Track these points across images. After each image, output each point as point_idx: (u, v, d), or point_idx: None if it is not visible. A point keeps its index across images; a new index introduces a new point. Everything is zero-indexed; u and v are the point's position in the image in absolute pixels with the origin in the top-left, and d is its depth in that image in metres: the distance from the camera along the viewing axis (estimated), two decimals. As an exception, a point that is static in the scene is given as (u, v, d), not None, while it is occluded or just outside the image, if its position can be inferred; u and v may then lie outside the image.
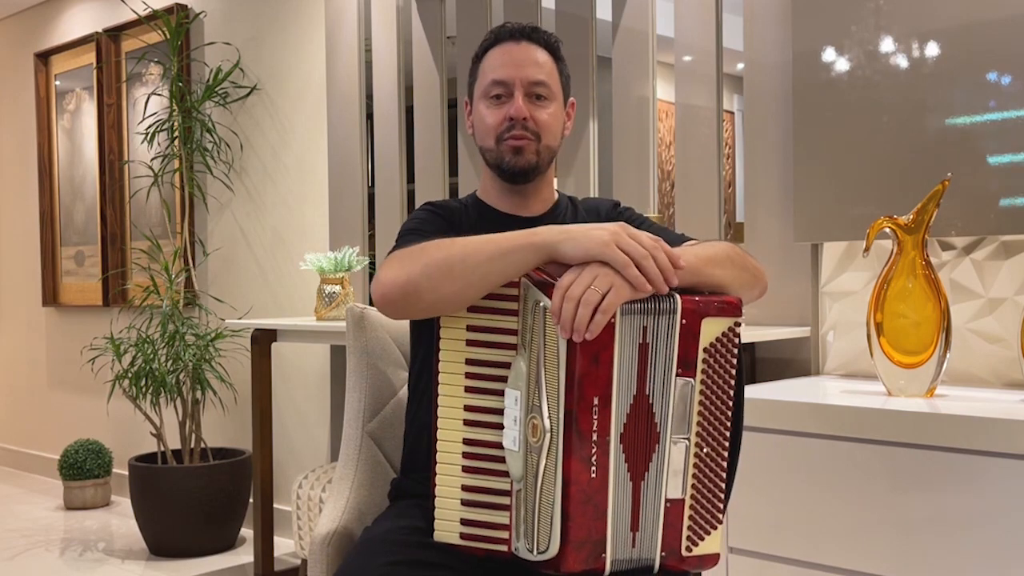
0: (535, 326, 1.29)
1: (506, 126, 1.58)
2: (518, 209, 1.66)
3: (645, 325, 1.27)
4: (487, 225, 1.61)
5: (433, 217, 1.62)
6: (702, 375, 1.31)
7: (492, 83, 1.60)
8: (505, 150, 1.59)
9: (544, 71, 1.61)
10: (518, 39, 1.62)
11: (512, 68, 1.59)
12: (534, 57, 1.61)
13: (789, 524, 1.87)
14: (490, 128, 1.60)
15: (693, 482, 1.32)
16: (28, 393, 5.43)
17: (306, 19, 3.78)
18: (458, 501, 1.34)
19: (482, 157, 1.65)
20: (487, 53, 1.64)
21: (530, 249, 1.30)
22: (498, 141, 1.60)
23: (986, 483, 1.63)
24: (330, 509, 1.70)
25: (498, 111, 1.60)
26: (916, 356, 1.88)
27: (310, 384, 3.78)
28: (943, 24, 2.18)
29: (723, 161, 2.69)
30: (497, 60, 1.61)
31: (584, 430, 1.25)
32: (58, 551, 3.81)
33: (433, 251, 1.34)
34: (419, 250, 1.36)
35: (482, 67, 1.64)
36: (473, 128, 1.67)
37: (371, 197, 3.58)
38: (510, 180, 1.62)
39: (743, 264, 1.44)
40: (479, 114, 1.63)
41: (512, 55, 1.60)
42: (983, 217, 2.12)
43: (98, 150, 4.75)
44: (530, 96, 1.59)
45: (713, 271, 1.37)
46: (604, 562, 1.28)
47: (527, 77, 1.59)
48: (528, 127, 1.58)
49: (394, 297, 1.36)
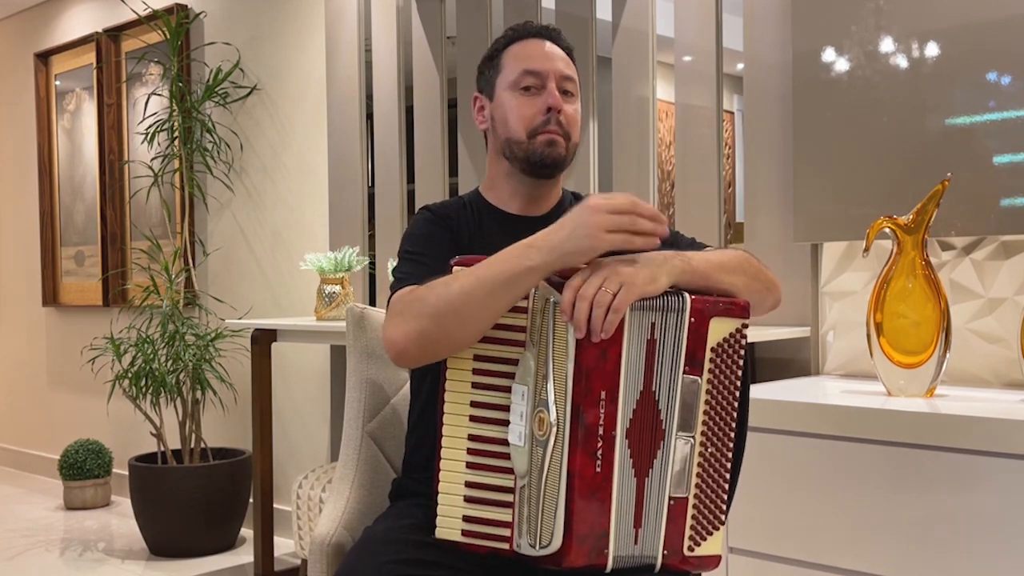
0: (544, 322, 1.29)
1: (542, 120, 1.55)
2: (526, 209, 1.62)
3: (653, 321, 1.28)
4: (490, 227, 1.60)
5: (433, 229, 1.58)
6: (709, 374, 1.31)
7: (524, 73, 1.57)
8: (539, 143, 1.56)
9: (571, 68, 1.61)
10: (541, 36, 1.61)
11: (545, 60, 1.58)
12: (560, 54, 1.60)
13: (789, 524, 1.87)
14: (523, 119, 1.56)
15: (697, 481, 1.32)
16: (28, 393, 5.43)
17: (306, 19, 3.78)
18: (461, 498, 1.34)
19: (504, 150, 1.60)
20: (509, 47, 1.62)
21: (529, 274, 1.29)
22: (531, 135, 1.56)
23: (986, 483, 1.63)
24: (330, 509, 1.70)
25: (533, 101, 1.56)
26: (916, 356, 1.88)
27: (310, 384, 3.78)
28: (943, 24, 2.18)
29: (723, 161, 2.69)
30: (526, 52, 1.59)
31: (590, 424, 1.25)
32: (58, 551, 3.81)
33: (433, 300, 1.32)
34: (418, 301, 1.34)
35: (505, 60, 1.61)
36: (493, 121, 1.62)
37: (371, 197, 3.58)
38: (536, 173, 1.59)
39: (756, 274, 1.44)
40: (506, 105, 1.58)
41: (542, 48, 1.59)
42: (983, 217, 2.12)
43: (98, 150, 4.75)
44: (559, 90, 1.57)
45: (723, 277, 1.37)
46: (606, 557, 1.28)
47: (559, 71, 1.58)
48: (561, 123, 1.56)
49: (412, 353, 1.36)
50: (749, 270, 1.43)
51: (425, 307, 1.33)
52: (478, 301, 1.29)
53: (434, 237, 1.56)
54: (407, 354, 1.36)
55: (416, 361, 1.38)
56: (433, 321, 1.32)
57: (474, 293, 1.29)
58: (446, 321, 1.31)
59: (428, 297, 1.33)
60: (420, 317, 1.33)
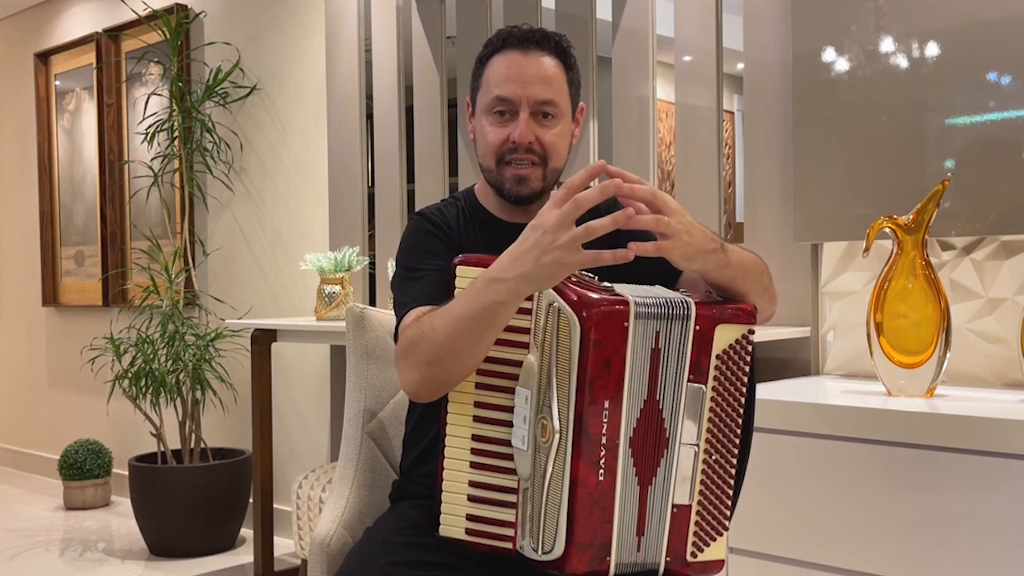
0: (548, 326, 1.28)
1: (508, 147, 1.49)
2: (518, 216, 1.57)
3: (658, 330, 1.27)
4: (484, 233, 1.58)
5: (428, 239, 1.54)
6: (714, 381, 1.30)
7: (495, 99, 1.49)
8: (507, 177, 1.50)
9: (552, 87, 1.49)
10: (526, 47, 1.50)
11: (518, 85, 1.48)
12: (542, 71, 1.49)
13: (789, 524, 1.86)
14: (491, 146, 1.51)
15: (701, 488, 1.32)
16: (28, 393, 5.43)
17: (306, 19, 3.78)
18: (464, 497, 1.34)
19: (481, 173, 1.57)
20: (492, 59, 1.52)
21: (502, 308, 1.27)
22: (499, 162, 1.51)
23: (986, 483, 1.63)
24: (330, 509, 1.70)
25: (501, 130, 1.49)
26: (916, 356, 1.88)
27: (310, 384, 3.78)
28: (943, 24, 2.18)
29: (723, 161, 2.69)
30: (502, 72, 1.50)
31: (593, 433, 1.25)
32: (58, 551, 3.81)
33: (425, 346, 1.33)
34: (415, 349, 1.34)
35: (486, 76, 1.53)
36: (475, 138, 1.57)
37: (371, 197, 3.58)
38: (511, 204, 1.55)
39: (767, 286, 1.44)
40: (481, 128, 1.53)
41: (519, 68, 1.49)
42: (983, 217, 2.12)
43: (98, 150, 4.75)
44: (536, 115, 1.49)
45: (747, 282, 1.37)
46: (608, 565, 1.28)
47: (533, 96, 1.48)
48: (534, 150, 1.49)
49: (426, 395, 1.39)
50: (764, 280, 1.42)
51: (422, 355, 1.34)
52: (464, 340, 1.30)
53: (430, 249, 1.53)
54: (422, 396, 1.39)
55: (434, 398, 1.39)
56: (432, 367, 1.33)
57: (458, 334, 1.29)
58: (443, 364, 1.32)
59: (421, 343, 1.34)
60: (420, 365, 1.34)
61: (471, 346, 1.30)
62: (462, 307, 1.29)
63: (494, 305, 1.26)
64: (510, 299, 1.26)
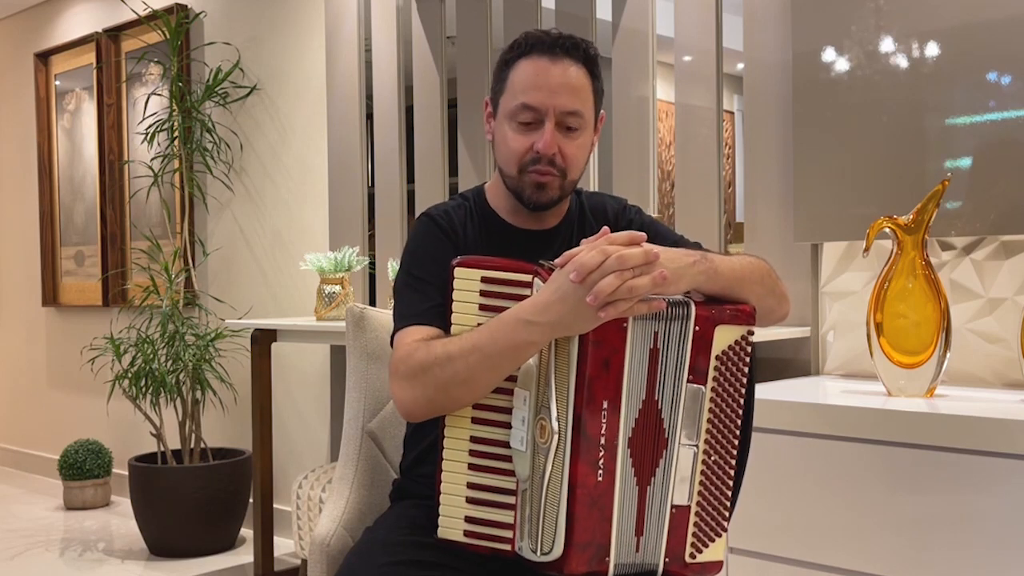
0: None
1: (531, 157, 1.46)
2: (530, 223, 1.57)
3: (656, 331, 1.27)
4: (493, 236, 1.56)
5: (435, 245, 1.52)
6: (713, 382, 1.30)
7: (521, 107, 1.46)
8: (527, 183, 1.48)
9: (579, 97, 1.46)
10: (555, 54, 1.46)
11: (545, 93, 1.44)
12: (570, 81, 1.45)
13: (789, 524, 1.86)
14: (514, 154, 1.48)
15: (699, 489, 1.32)
16: (28, 393, 5.43)
17: (306, 19, 3.77)
18: (463, 498, 1.35)
19: (500, 177, 1.55)
20: (519, 62, 1.48)
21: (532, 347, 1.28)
22: (521, 171, 1.48)
23: (986, 483, 1.62)
24: (330, 509, 1.70)
25: (524, 138, 1.47)
26: (916, 356, 1.88)
27: (310, 384, 3.78)
28: (943, 24, 2.18)
29: (723, 161, 2.68)
30: (529, 79, 1.46)
31: (592, 434, 1.25)
32: (58, 551, 3.81)
33: (439, 373, 1.33)
34: (426, 373, 1.34)
35: (511, 80, 1.49)
36: (494, 140, 1.54)
37: (371, 197, 3.58)
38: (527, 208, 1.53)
39: (771, 287, 1.43)
40: (503, 134, 1.50)
41: (548, 76, 1.45)
42: (983, 217, 2.12)
43: (98, 150, 4.75)
44: (560, 126, 1.46)
45: (744, 287, 1.36)
46: (607, 565, 1.28)
47: (560, 106, 1.45)
48: (555, 163, 1.46)
49: (419, 415, 1.40)
50: (767, 281, 1.42)
51: (433, 380, 1.33)
52: (483, 374, 1.31)
53: (435, 255, 1.49)
54: (414, 416, 1.40)
55: (423, 419, 1.41)
56: (440, 392, 1.34)
57: (479, 367, 1.30)
58: (453, 391, 1.33)
59: (434, 369, 1.33)
60: (427, 387, 1.34)
61: (486, 378, 1.31)
62: (488, 341, 1.29)
63: (525, 344, 1.28)
64: (542, 340, 1.27)
